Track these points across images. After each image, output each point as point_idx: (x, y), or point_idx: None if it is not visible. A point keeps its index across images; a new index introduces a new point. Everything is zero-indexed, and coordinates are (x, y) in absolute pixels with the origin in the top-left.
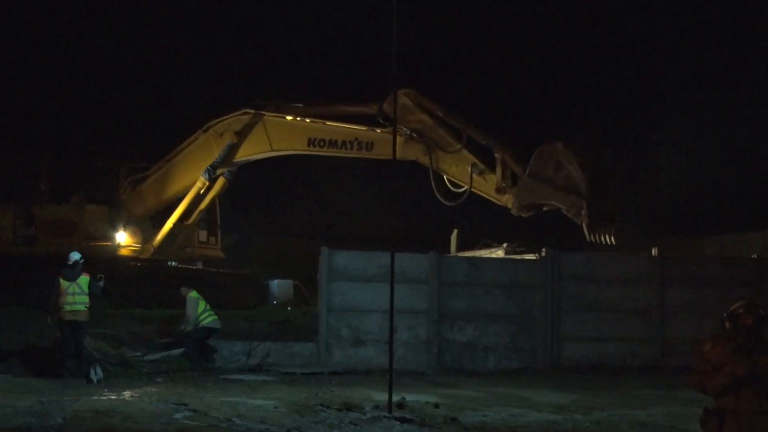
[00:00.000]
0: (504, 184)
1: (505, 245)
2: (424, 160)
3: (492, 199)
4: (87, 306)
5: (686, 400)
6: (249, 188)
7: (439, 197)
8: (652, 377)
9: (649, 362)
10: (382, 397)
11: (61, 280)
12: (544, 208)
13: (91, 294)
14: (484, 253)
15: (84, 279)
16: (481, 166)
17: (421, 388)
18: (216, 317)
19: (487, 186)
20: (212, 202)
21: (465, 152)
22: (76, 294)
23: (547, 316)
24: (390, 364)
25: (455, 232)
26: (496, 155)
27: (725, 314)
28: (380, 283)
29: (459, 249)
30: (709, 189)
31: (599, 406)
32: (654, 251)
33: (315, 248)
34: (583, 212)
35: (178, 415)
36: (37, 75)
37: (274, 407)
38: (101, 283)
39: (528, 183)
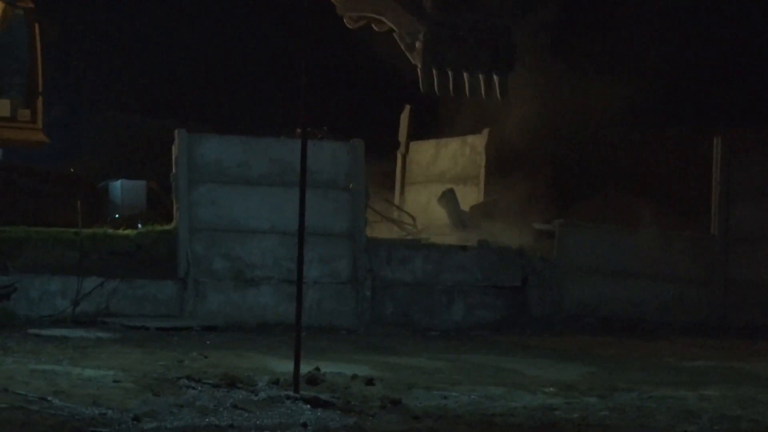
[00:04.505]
0: None
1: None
2: None
3: None
4: None
5: (759, 377)
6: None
7: None
8: (708, 339)
9: (704, 316)
10: (284, 366)
11: None
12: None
13: None
14: None
15: None
16: None
17: (346, 354)
18: None
19: None
20: (23, 51)
21: None
22: None
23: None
24: (297, 315)
25: (407, 109)
26: None
27: None
28: (272, 187)
29: (414, 136)
30: None
31: (625, 383)
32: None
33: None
34: (417, 44)
35: None
36: None
37: (115, 381)
38: None
39: None
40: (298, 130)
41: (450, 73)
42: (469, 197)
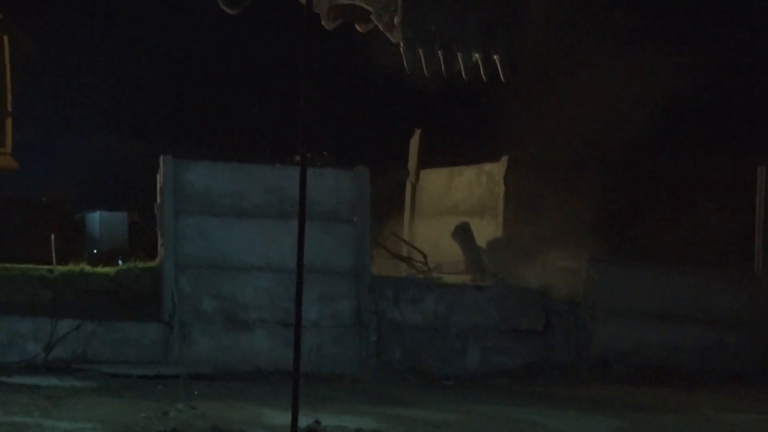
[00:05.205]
0: None
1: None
2: None
3: None
4: None
5: None
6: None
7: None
8: (752, 389)
9: (748, 364)
10: (280, 419)
11: None
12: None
13: None
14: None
15: None
16: None
17: (349, 405)
18: None
19: None
20: None
21: None
22: None
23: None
24: (295, 361)
25: (417, 133)
26: None
27: None
28: (268, 220)
29: (424, 163)
30: None
31: None
32: None
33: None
34: (395, 19)
35: None
36: None
37: None
38: None
39: None
40: (297, 157)
41: (440, 52)
42: (486, 231)
